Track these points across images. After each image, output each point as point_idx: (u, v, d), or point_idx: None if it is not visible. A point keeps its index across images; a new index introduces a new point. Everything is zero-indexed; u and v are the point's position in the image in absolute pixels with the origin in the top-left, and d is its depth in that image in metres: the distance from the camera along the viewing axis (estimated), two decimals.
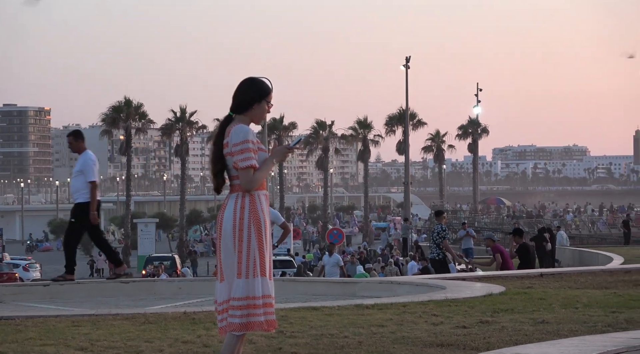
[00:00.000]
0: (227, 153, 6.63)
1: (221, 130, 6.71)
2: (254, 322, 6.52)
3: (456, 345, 8.48)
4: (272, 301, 6.60)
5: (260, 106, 6.75)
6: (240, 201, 6.59)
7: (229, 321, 6.51)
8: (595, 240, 62.06)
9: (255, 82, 6.80)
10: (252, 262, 6.53)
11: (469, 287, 14.47)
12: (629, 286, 14.72)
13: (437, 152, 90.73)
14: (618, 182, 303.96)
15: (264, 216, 6.64)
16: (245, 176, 6.55)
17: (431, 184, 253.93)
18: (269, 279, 6.62)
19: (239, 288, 6.53)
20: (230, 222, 6.57)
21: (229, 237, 6.56)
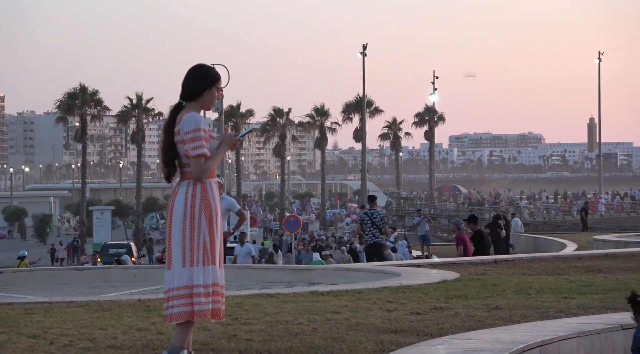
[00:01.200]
0: (178, 141, 6.61)
1: (172, 118, 6.69)
2: (198, 311, 6.50)
3: (410, 331, 8.53)
4: (219, 289, 6.58)
5: (210, 92, 6.74)
6: (192, 188, 6.58)
7: (172, 311, 6.51)
8: (549, 227, 62.66)
9: (204, 68, 6.79)
10: (200, 251, 6.51)
11: (423, 274, 14.56)
12: (581, 272, 14.89)
13: (393, 139, 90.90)
14: (572, 169, 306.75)
15: (215, 204, 6.63)
16: (196, 164, 6.54)
17: (388, 172, 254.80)
18: (218, 267, 6.61)
19: (182, 276, 6.51)
20: (181, 209, 6.55)
21: (179, 225, 6.54)
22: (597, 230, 50.34)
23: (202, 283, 6.50)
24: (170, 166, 6.69)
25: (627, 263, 16.16)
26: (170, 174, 6.72)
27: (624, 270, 15.02)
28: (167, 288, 6.59)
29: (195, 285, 6.49)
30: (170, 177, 6.74)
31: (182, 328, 6.57)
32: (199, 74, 6.74)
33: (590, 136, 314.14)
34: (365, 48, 69.58)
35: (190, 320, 6.54)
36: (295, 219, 42.04)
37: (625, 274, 14.37)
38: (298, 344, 7.79)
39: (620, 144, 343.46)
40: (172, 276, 6.56)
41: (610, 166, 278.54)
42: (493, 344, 7.49)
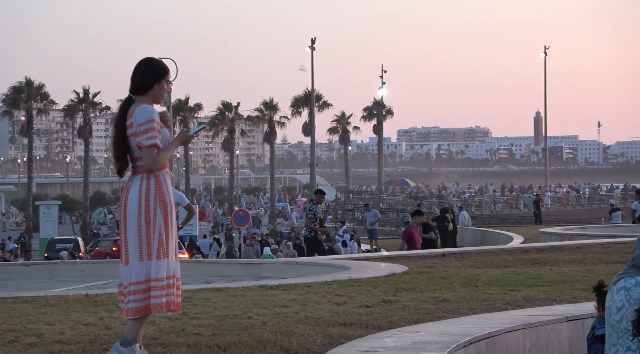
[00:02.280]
0: (131, 134, 6.59)
1: (123, 112, 6.67)
2: (154, 304, 6.50)
3: (359, 324, 8.57)
4: (175, 281, 6.59)
5: (160, 85, 6.75)
6: (146, 182, 6.57)
7: (129, 306, 6.50)
8: (496, 220, 63.20)
9: (153, 62, 6.81)
10: (156, 244, 6.52)
11: (372, 267, 14.64)
12: (528, 264, 15.05)
13: (342, 133, 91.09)
14: (519, 162, 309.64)
15: (170, 197, 6.65)
16: (149, 154, 6.53)
17: (337, 166, 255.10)
18: (174, 260, 6.62)
19: (140, 271, 6.51)
20: (136, 204, 6.54)
21: (134, 219, 6.53)
22: (543, 223, 50.90)
23: (158, 276, 6.51)
24: (122, 161, 6.66)
25: (572, 255, 16.37)
26: (122, 168, 6.69)
27: (569, 262, 15.21)
28: (125, 282, 6.58)
29: (152, 279, 6.50)
30: (122, 172, 6.71)
31: (136, 321, 6.57)
32: (149, 67, 6.74)
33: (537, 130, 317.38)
34: (313, 42, 69.64)
35: (144, 315, 6.55)
36: (244, 214, 41.96)
37: (570, 266, 14.55)
38: (247, 338, 7.80)
39: (565, 137, 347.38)
40: (129, 271, 6.56)
41: (556, 159, 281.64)
42: (441, 337, 7.55)
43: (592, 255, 16.31)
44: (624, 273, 7.31)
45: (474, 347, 7.56)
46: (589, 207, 77.23)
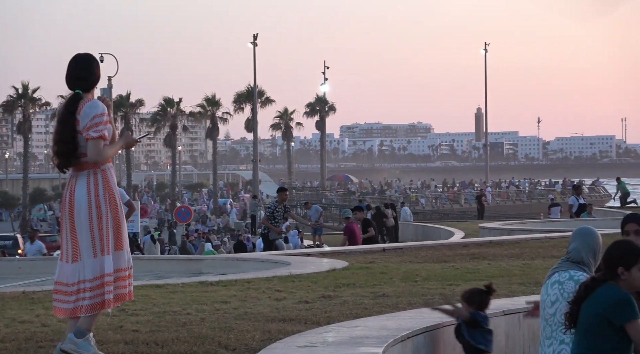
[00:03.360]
0: (79, 131, 6.58)
1: (72, 108, 6.62)
2: (107, 300, 6.52)
3: (298, 320, 8.59)
4: (126, 273, 6.63)
5: (97, 81, 6.78)
6: (93, 177, 6.57)
7: (81, 303, 6.49)
8: (438, 215, 63.66)
9: (95, 58, 6.84)
10: (107, 239, 6.52)
11: (313, 263, 14.67)
12: (467, 259, 15.19)
13: (285, 129, 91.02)
14: (460, 158, 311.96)
15: (117, 190, 6.69)
16: (95, 146, 6.52)
17: (280, 162, 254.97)
18: (126, 251, 6.66)
19: (94, 267, 6.51)
20: (86, 199, 6.53)
21: (85, 216, 6.51)
22: (484, 218, 51.38)
23: (112, 271, 6.53)
24: (69, 157, 6.61)
25: (511, 250, 16.55)
26: (66, 165, 6.64)
27: (507, 257, 15.38)
28: (76, 279, 6.55)
29: (106, 274, 6.51)
30: (66, 168, 6.66)
31: (88, 318, 6.59)
32: (93, 64, 6.76)
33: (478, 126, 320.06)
34: (255, 38, 69.50)
35: (99, 310, 6.57)
36: (186, 210, 41.81)
37: (508, 261, 14.71)
38: (185, 334, 7.77)
39: (506, 133, 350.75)
40: (82, 268, 6.53)
41: (496, 155, 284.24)
42: (379, 331, 7.60)
43: (530, 250, 16.50)
44: (558, 267, 7.42)
45: (411, 341, 7.63)
46: (528, 203, 78.12)
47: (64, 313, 6.59)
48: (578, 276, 7.15)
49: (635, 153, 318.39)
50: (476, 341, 7.84)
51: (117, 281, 6.57)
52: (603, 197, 78.13)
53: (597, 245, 7.37)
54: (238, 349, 7.27)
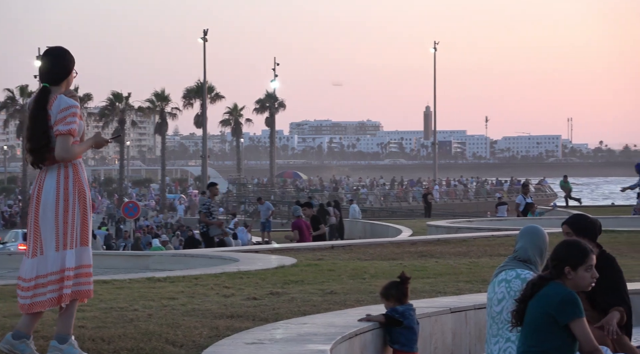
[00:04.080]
0: (51, 125, 6.53)
1: (44, 103, 6.55)
2: (65, 294, 6.49)
3: (246, 316, 8.58)
4: (89, 269, 6.61)
5: (71, 74, 6.72)
6: (64, 171, 6.53)
7: (47, 297, 6.45)
8: (386, 213, 63.88)
9: (67, 51, 6.77)
10: (72, 233, 6.49)
11: (262, 259, 14.65)
12: (415, 256, 15.27)
13: (235, 126, 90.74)
14: (409, 156, 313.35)
15: (87, 185, 6.64)
16: (63, 142, 6.48)
17: (229, 158, 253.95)
18: (90, 248, 6.64)
19: (55, 261, 6.47)
20: (54, 193, 6.50)
21: (51, 209, 6.48)
22: (432, 216, 51.67)
23: (73, 265, 6.50)
24: (42, 153, 6.55)
25: (458, 248, 16.66)
26: (40, 161, 6.57)
27: (454, 255, 15.48)
28: (34, 275, 6.50)
29: (67, 269, 6.48)
30: (40, 164, 6.58)
31: (64, 315, 6.59)
32: (65, 57, 6.70)
33: (426, 124, 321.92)
34: (206, 33, 69.27)
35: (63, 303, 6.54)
36: (134, 205, 41.53)
37: (456, 258, 14.81)
38: (132, 330, 7.72)
39: (454, 132, 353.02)
40: (42, 262, 6.49)
41: (445, 153, 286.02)
42: (327, 329, 7.61)
43: (477, 248, 16.63)
44: (505, 265, 7.49)
45: (359, 339, 7.65)
46: (476, 201, 78.69)
47: (22, 309, 6.54)
48: (525, 275, 7.22)
49: (580, 153, 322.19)
50: (392, 340, 7.88)
51: (80, 277, 6.52)
52: (549, 196, 78.96)
53: (544, 244, 7.46)
54: (185, 345, 7.24)
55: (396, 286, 8.08)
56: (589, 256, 6.22)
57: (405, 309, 7.93)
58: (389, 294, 8.04)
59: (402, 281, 8.09)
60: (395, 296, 8.02)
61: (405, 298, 8.03)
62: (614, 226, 20.81)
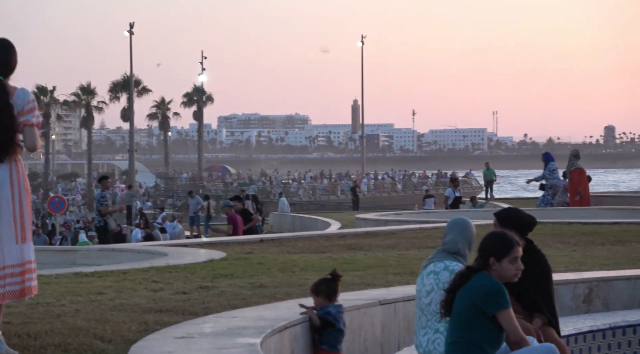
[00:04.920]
0: (17, 114, 6.49)
1: (6, 97, 6.49)
2: (27, 287, 6.49)
3: (175, 311, 8.53)
4: (33, 265, 6.61)
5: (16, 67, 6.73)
6: (14, 165, 6.53)
7: (7, 289, 6.41)
8: (315, 206, 64.00)
9: (12, 44, 6.73)
10: (27, 226, 6.51)
11: (191, 253, 14.58)
12: (344, 250, 15.32)
13: (162, 119, 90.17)
14: (337, 150, 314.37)
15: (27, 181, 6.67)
16: (33, 133, 6.50)
17: (157, 152, 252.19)
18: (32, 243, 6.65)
19: (17, 254, 6.46)
20: (8, 187, 6.47)
21: (7, 202, 6.46)
22: (360, 209, 51.91)
23: (33, 258, 6.53)
24: (8, 146, 6.50)
25: (387, 241, 16.76)
26: (5, 154, 6.51)
27: (383, 247, 15.57)
28: None
29: (27, 262, 6.49)
30: (4, 158, 6.50)
31: None
32: (14, 48, 6.68)
33: (354, 118, 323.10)
34: (132, 26, 68.64)
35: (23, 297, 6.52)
36: (60, 200, 40.98)
37: (384, 251, 14.90)
38: (59, 325, 7.63)
39: (382, 125, 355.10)
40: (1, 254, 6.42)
41: (372, 147, 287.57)
42: (257, 322, 7.61)
43: (406, 240, 16.74)
44: (434, 257, 7.56)
45: (289, 332, 7.66)
46: (403, 194, 79.28)
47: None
48: (453, 267, 7.29)
49: (505, 146, 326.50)
50: (321, 340, 7.92)
51: (26, 273, 6.51)
52: (475, 189, 79.86)
53: (472, 236, 7.54)
54: (114, 340, 7.17)
55: (327, 282, 8.09)
56: (513, 248, 6.28)
57: (337, 311, 7.96)
58: (319, 290, 8.06)
59: (333, 278, 8.11)
60: (325, 292, 8.03)
61: (335, 296, 8.04)
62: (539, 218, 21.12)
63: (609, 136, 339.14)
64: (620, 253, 13.80)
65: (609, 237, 16.31)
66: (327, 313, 7.91)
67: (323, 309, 7.95)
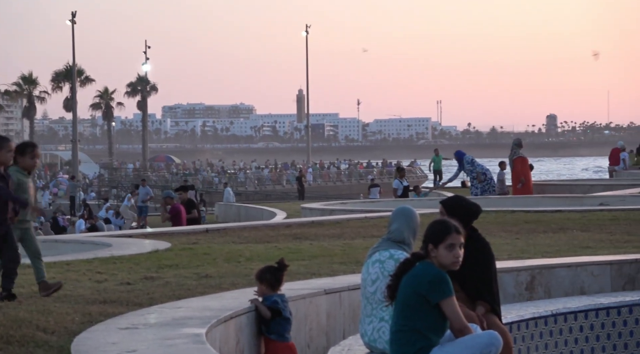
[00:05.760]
0: None
1: None
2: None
3: (119, 302, 8.47)
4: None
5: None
6: None
7: None
8: (260, 196, 63.93)
9: None
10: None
11: (135, 244, 14.48)
12: (289, 239, 15.32)
13: (106, 109, 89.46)
14: (282, 140, 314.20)
15: None
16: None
17: (100, 142, 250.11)
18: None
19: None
20: None
21: None
22: (306, 198, 51.96)
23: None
24: None
25: (332, 230, 16.78)
26: None
27: (329, 237, 15.59)
28: None
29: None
30: None
31: None
32: None
33: (299, 108, 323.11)
34: (74, 15, 67.92)
35: None
36: None
37: (329, 240, 14.92)
38: (1, 317, 7.54)
39: (327, 115, 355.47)
40: None
41: (318, 136, 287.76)
42: (202, 312, 7.59)
43: (351, 229, 16.78)
44: (379, 246, 7.59)
45: (234, 322, 7.65)
46: (349, 183, 79.51)
47: None
48: (398, 255, 7.34)
49: (449, 135, 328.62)
50: (269, 330, 7.93)
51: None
52: (419, 178, 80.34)
53: (417, 225, 7.59)
54: (57, 332, 7.11)
55: (272, 271, 8.09)
56: (450, 234, 6.30)
57: (282, 300, 7.96)
58: (263, 277, 8.06)
59: (279, 267, 8.10)
60: (269, 280, 8.02)
61: (278, 285, 8.04)
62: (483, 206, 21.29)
63: (551, 125, 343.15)
64: (562, 241, 13.97)
65: (551, 225, 16.49)
66: (275, 302, 7.92)
67: (269, 298, 7.95)
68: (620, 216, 18.08)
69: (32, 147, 9.20)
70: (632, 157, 41.19)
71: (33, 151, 9.11)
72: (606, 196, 25.13)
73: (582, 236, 14.67)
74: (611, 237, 14.49)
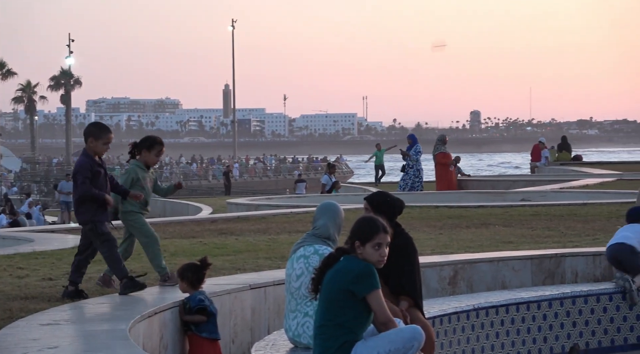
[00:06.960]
0: None
1: None
2: None
3: (41, 297, 8.39)
4: None
5: None
6: None
7: None
8: (186, 191, 63.54)
9: None
10: None
11: (58, 239, 14.32)
12: (215, 234, 15.28)
13: (28, 103, 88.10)
14: (209, 135, 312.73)
15: None
16: None
17: (23, 136, 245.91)
18: None
19: None
20: None
21: None
22: (232, 194, 51.81)
23: None
24: None
25: (258, 225, 16.79)
26: None
27: (254, 232, 15.59)
28: None
29: None
30: None
31: None
32: None
33: (226, 102, 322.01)
34: None
35: None
36: None
37: (255, 235, 14.92)
38: None
39: (253, 110, 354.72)
40: None
41: (244, 131, 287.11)
42: (125, 308, 7.57)
43: (276, 225, 16.80)
44: (304, 241, 7.62)
45: (158, 317, 7.62)
46: (275, 179, 79.50)
47: None
48: (323, 250, 7.37)
49: (375, 130, 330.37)
50: (200, 330, 7.91)
51: None
52: (346, 173, 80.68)
53: (342, 221, 7.63)
54: None
55: (194, 268, 8.05)
56: (378, 233, 6.33)
57: (206, 297, 7.94)
58: (184, 275, 8.02)
59: (202, 266, 8.07)
60: (190, 278, 7.98)
61: (199, 284, 8.00)
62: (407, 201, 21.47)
63: (475, 121, 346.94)
64: (484, 236, 14.16)
65: (473, 221, 16.70)
66: (200, 300, 7.89)
67: (193, 298, 7.90)
68: (541, 211, 18.38)
69: (161, 145, 9.04)
70: (553, 154, 41.79)
71: (161, 149, 9.01)
72: (528, 192, 25.51)
73: (504, 231, 14.88)
74: (532, 232, 14.73)
